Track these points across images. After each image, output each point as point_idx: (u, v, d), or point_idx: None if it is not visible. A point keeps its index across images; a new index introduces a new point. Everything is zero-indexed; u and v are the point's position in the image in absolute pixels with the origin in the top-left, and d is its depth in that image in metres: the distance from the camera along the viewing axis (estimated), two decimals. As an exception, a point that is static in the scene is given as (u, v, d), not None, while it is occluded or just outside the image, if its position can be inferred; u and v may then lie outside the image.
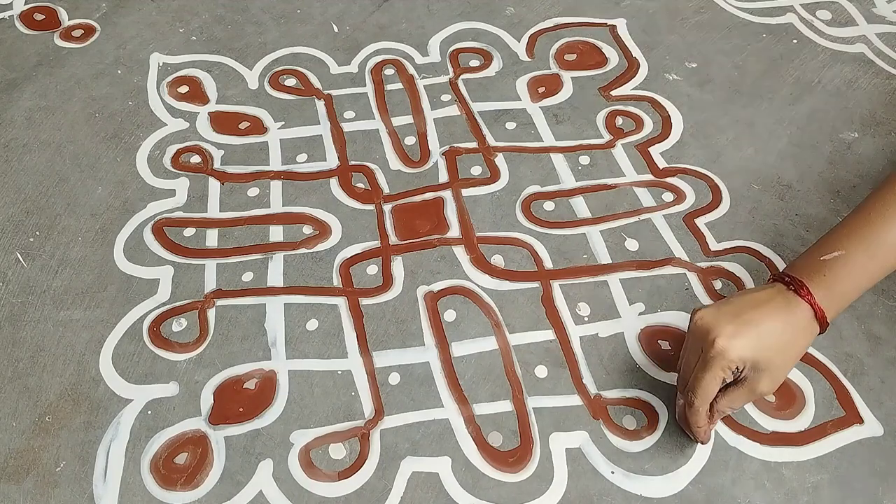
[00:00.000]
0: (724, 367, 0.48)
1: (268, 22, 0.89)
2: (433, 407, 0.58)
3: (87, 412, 0.57)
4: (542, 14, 0.90)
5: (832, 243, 0.51)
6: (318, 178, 0.73)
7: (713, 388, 0.49)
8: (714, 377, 0.48)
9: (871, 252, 0.49)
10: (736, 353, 0.47)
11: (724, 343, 0.47)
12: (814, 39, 0.86)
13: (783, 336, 0.48)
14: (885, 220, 0.49)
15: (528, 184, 0.72)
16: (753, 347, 0.47)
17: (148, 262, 0.66)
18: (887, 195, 0.50)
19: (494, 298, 0.64)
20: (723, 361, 0.47)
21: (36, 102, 0.80)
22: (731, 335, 0.47)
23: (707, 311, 0.50)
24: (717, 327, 0.48)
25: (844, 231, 0.51)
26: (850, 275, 0.49)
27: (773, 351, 0.48)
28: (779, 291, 0.50)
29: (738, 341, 0.47)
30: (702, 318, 0.49)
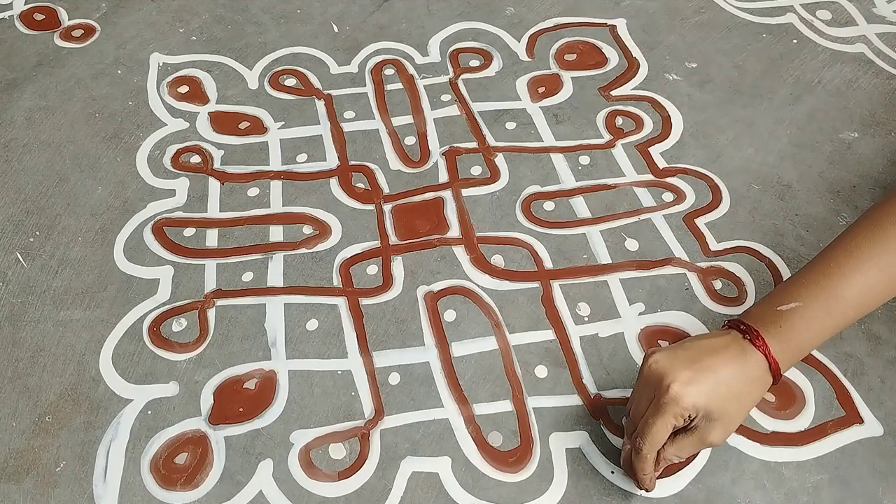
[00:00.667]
0: (677, 415, 0.46)
1: (268, 22, 0.89)
2: (433, 407, 0.58)
3: (87, 412, 0.57)
4: (542, 14, 0.90)
5: (790, 293, 0.49)
6: (318, 178, 0.73)
7: (663, 435, 0.47)
8: (665, 424, 0.46)
9: (829, 307, 0.48)
10: (690, 399, 0.46)
11: (679, 389, 0.46)
12: (814, 39, 0.86)
13: (737, 385, 0.47)
14: (843, 274, 0.48)
15: (528, 184, 0.72)
16: (708, 395, 0.46)
17: (148, 262, 0.66)
18: (848, 246, 0.49)
19: (494, 298, 0.64)
20: (676, 408, 0.46)
21: (36, 102, 0.80)
22: (686, 381, 0.46)
23: (662, 354, 0.48)
24: (673, 372, 0.46)
25: (803, 281, 0.50)
26: (806, 328, 0.48)
27: (726, 400, 0.47)
28: (734, 339, 0.49)
29: (693, 388, 0.46)
30: (656, 361, 0.48)
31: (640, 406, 0.49)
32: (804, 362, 0.59)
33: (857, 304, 0.48)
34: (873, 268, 0.48)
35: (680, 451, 0.48)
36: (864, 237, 0.49)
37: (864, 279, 0.48)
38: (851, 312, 0.49)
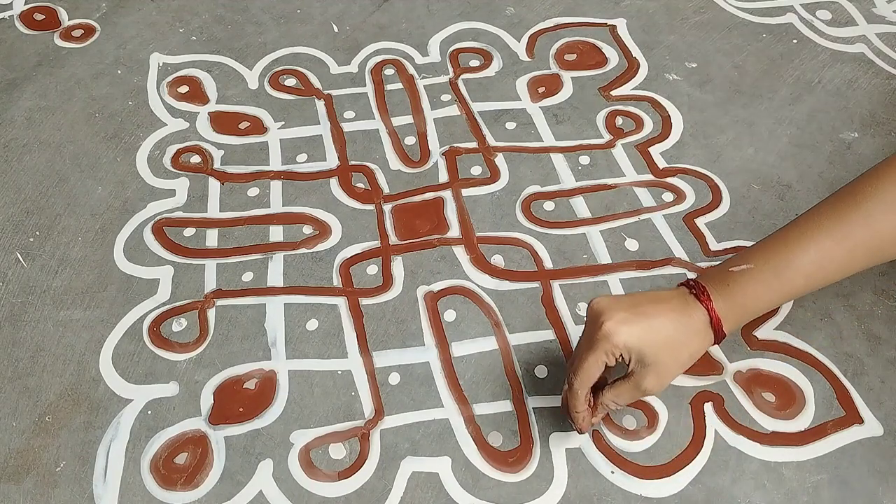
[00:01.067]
0: (608, 351, 0.47)
1: (268, 22, 0.89)
2: (433, 407, 0.58)
3: (87, 412, 0.57)
4: (542, 14, 0.90)
5: (746, 256, 0.50)
6: (318, 178, 0.73)
7: (594, 372, 0.48)
8: (596, 360, 0.47)
9: (779, 271, 0.48)
10: (621, 338, 0.46)
11: (612, 327, 0.46)
12: (814, 39, 0.86)
13: (674, 334, 0.47)
14: (799, 245, 0.49)
15: (528, 184, 0.72)
16: (640, 338, 0.46)
17: (148, 262, 0.66)
18: (810, 219, 0.50)
19: (494, 298, 0.64)
20: (607, 345, 0.47)
21: (36, 102, 0.80)
22: (620, 321, 0.46)
23: (604, 297, 0.49)
24: (609, 311, 0.47)
25: (760, 246, 0.50)
26: (753, 289, 0.48)
27: (660, 347, 0.47)
28: (680, 293, 0.49)
29: (625, 327, 0.46)
30: (598, 303, 0.49)
31: (578, 346, 0.50)
32: (804, 362, 0.59)
33: (809, 273, 0.48)
34: (828, 239, 0.48)
35: (616, 397, 0.50)
36: (825, 213, 0.49)
37: (819, 249, 0.48)
38: (801, 281, 0.49)
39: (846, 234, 0.48)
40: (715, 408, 0.57)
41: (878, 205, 0.48)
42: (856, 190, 0.49)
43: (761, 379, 0.59)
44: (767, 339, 0.61)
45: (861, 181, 0.50)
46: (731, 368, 0.59)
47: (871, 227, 0.48)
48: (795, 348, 0.60)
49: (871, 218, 0.48)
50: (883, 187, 0.48)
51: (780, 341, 0.61)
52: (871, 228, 0.48)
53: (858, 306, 0.63)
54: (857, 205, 0.48)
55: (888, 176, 0.48)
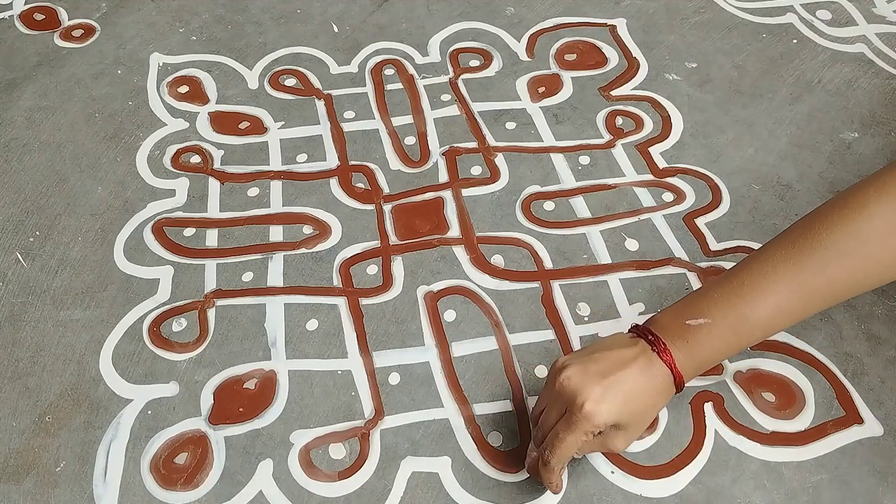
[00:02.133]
0: (588, 431, 0.46)
1: (268, 22, 0.89)
2: (433, 407, 0.58)
3: (87, 412, 0.57)
4: (542, 14, 0.90)
5: (701, 308, 0.49)
6: (318, 178, 0.73)
7: (573, 450, 0.47)
8: (577, 440, 0.47)
9: (737, 327, 0.47)
10: (602, 418, 0.46)
11: (592, 407, 0.46)
12: (814, 39, 0.86)
13: (644, 398, 0.47)
14: (754, 296, 0.47)
15: (528, 184, 0.72)
16: (619, 411, 0.46)
17: (148, 262, 0.66)
18: (764, 265, 0.48)
19: (494, 298, 0.64)
20: (588, 426, 0.46)
21: (36, 102, 0.80)
22: (598, 399, 0.46)
23: (574, 370, 0.48)
24: (585, 390, 0.46)
25: (715, 297, 0.49)
26: (712, 346, 0.48)
27: (634, 414, 0.47)
28: (643, 351, 0.48)
29: (605, 406, 0.46)
30: (569, 378, 0.47)
31: (549, 418, 0.49)
32: (804, 362, 0.59)
33: (766, 325, 0.48)
34: (785, 289, 0.47)
35: (581, 451, 0.49)
36: (780, 257, 0.48)
37: (776, 300, 0.47)
38: (759, 333, 0.48)
39: (802, 282, 0.47)
40: (715, 408, 0.57)
41: (834, 254, 0.47)
42: (811, 234, 0.48)
43: (761, 379, 0.59)
44: (768, 339, 0.61)
45: (815, 224, 0.48)
46: (731, 368, 0.59)
47: (827, 275, 0.47)
48: (795, 348, 0.60)
49: (827, 268, 0.47)
50: (838, 236, 0.47)
51: (780, 341, 0.61)
52: (827, 277, 0.47)
53: (858, 306, 0.63)
54: (813, 251, 0.47)
55: (842, 224, 0.47)
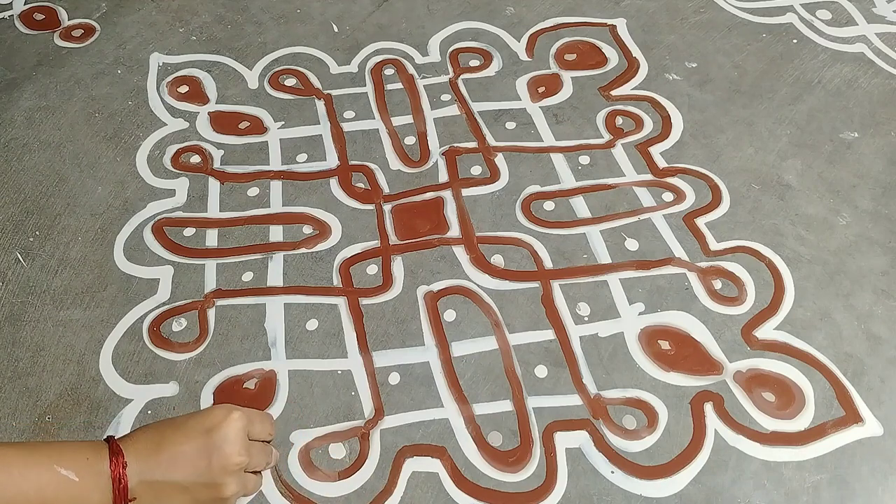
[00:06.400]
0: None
1: (268, 22, 0.89)
2: (433, 407, 0.58)
3: (87, 412, 0.57)
4: (542, 14, 0.90)
5: None
6: (318, 178, 0.73)
7: None
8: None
9: None
10: None
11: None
12: (814, 39, 0.86)
13: None
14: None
15: (528, 184, 0.72)
16: None
17: (148, 261, 0.66)
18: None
19: (494, 298, 0.64)
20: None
21: (36, 102, 0.80)
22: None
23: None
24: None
25: None
26: None
27: None
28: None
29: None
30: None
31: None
32: (804, 362, 0.59)
33: None
34: None
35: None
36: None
37: None
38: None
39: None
40: (715, 408, 0.57)
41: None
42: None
43: (761, 379, 0.59)
44: (767, 339, 0.61)
45: None
46: (731, 368, 0.59)
47: None
48: (795, 348, 0.60)
49: None
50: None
51: (780, 341, 0.61)
52: None
53: (858, 306, 0.63)
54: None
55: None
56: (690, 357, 0.60)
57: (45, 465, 0.42)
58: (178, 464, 0.45)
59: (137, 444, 0.45)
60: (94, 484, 0.43)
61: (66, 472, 0.42)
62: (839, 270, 0.65)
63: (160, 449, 0.45)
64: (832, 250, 0.67)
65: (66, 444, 0.45)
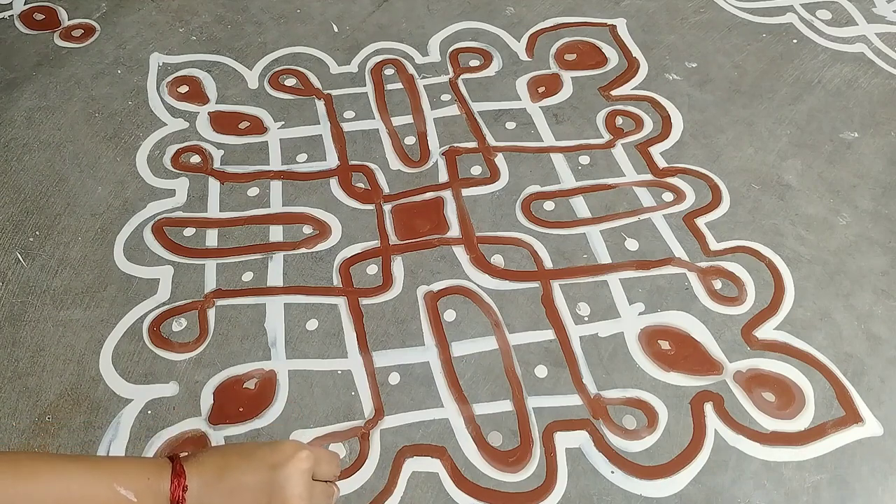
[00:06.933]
0: None
1: (268, 22, 0.89)
2: (433, 407, 0.58)
3: (87, 412, 0.57)
4: (542, 14, 0.90)
5: None
6: (318, 178, 0.73)
7: None
8: None
9: None
10: None
11: None
12: (814, 39, 0.86)
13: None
14: None
15: (528, 184, 0.72)
16: None
17: (148, 261, 0.66)
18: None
19: (494, 298, 0.64)
20: None
21: (36, 102, 0.80)
22: None
23: None
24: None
25: None
26: None
27: None
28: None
29: None
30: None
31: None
32: (804, 362, 0.59)
33: None
34: None
35: None
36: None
37: None
38: None
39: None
40: (715, 408, 0.57)
41: None
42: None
43: (761, 379, 0.59)
44: (767, 339, 0.61)
45: None
46: (731, 368, 0.59)
47: None
48: (795, 348, 0.60)
49: None
50: None
51: (780, 341, 0.61)
52: None
53: (858, 306, 0.63)
54: None
55: None
56: (690, 357, 0.60)
57: (105, 483, 0.42)
58: (239, 495, 0.44)
59: (202, 468, 0.45)
60: (153, 503, 0.43)
61: (125, 491, 0.42)
62: (839, 270, 0.65)
63: (223, 476, 0.44)
64: (832, 250, 0.67)
65: (131, 461, 0.45)
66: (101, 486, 0.42)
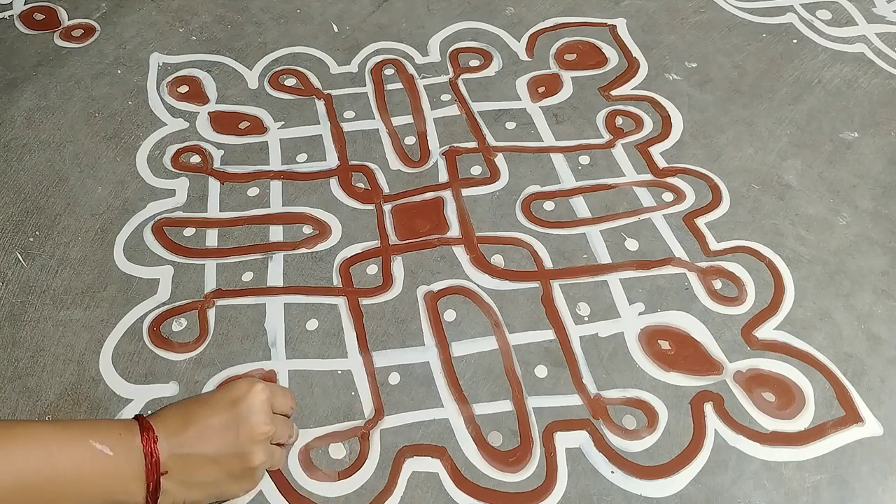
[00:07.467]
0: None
1: (268, 22, 0.89)
2: (433, 407, 0.58)
3: (87, 412, 0.57)
4: (542, 14, 0.90)
5: None
6: (318, 178, 0.73)
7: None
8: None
9: None
10: None
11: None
12: (814, 39, 0.86)
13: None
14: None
15: (528, 184, 0.72)
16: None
17: (148, 261, 0.66)
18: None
19: (494, 298, 0.64)
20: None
21: (36, 102, 0.80)
22: None
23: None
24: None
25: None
26: None
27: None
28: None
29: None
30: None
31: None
32: (804, 362, 0.59)
33: None
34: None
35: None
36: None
37: None
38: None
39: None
40: (715, 408, 0.57)
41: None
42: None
43: (761, 379, 0.59)
44: (767, 339, 0.61)
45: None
46: (731, 368, 0.59)
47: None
48: (795, 348, 0.60)
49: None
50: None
51: (780, 341, 0.61)
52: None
53: (858, 306, 0.63)
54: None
55: None
56: (690, 357, 0.60)
57: (80, 441, 0.43)
58: (206, 437, 0.46)
59: (167, 420, 0.47)
60: (127, 458, 0.44)
61: (100, 446, 0.43)
62: (839, 270, 0.65)
63: (188, 424, 0.46)
64: (832, 250, 0.67)
65: (99, 422, 0.46)
66: (79, 444, 0.43)
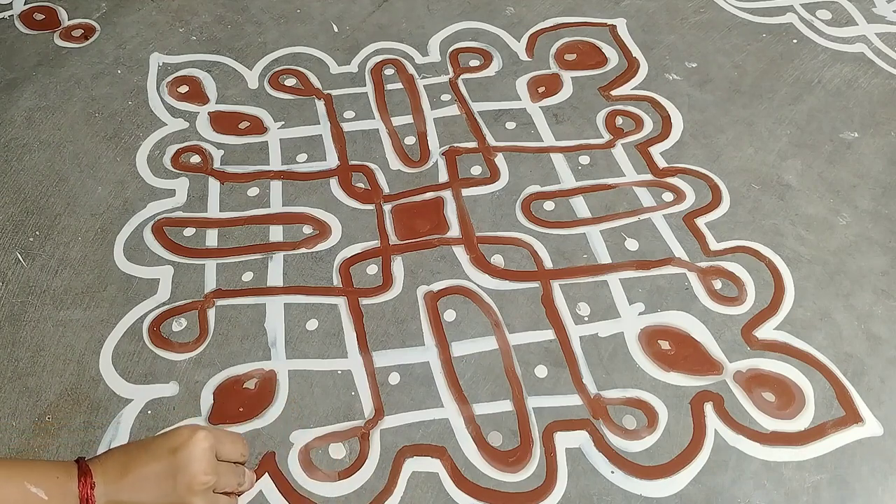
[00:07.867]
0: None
1: (268, 22, 0.89)
2: (433, 407, 0.58)
3: (87, 412, 0.57)
4: (542, 14, 0.90)
5: None
6: (318, 178, 0.73)
7: None
8: None
9: None
10: None
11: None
12: (814, 39, 0.86)
13: None
14: None
15: (528, 184, 0.72)
16: None
17: (148, 261, 0.66)
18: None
19: (494, 298, 0.64)
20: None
21: (36, 102, 0.80)
22: None
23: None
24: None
25: None
26: None
27: None
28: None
29: None
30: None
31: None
32: (804, 362, 0.59)
33: None
34: None
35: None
36: None
37: None
38: None
39: None
40: (715, 408, 0.57)
41: None
42: None
43: (761, 379, 0.59)
44: (767, 339, 0.61)
45: None
46: (731, 368, 0.59)
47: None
48: (795, 348, 0.60)
49: None
50: None
51: (780, 341, 0.61)
52: None
53: (858, 306, 0.63)
54: None
55: None
56: (690, 357, 0.60)
57: (14, 481, 0.43)
58: (144, 485, 0.45)
59: (105, 465, 0.46)
60: (63, 503, 0.43)
61: (35, 489, 0.43)
62: (839, 270, 0.65)
63: (127, 470, 0.45)
64: (832, 250, 0.67)
65: (37, 463, 0.45)
66: (13, 484, 0.42)
